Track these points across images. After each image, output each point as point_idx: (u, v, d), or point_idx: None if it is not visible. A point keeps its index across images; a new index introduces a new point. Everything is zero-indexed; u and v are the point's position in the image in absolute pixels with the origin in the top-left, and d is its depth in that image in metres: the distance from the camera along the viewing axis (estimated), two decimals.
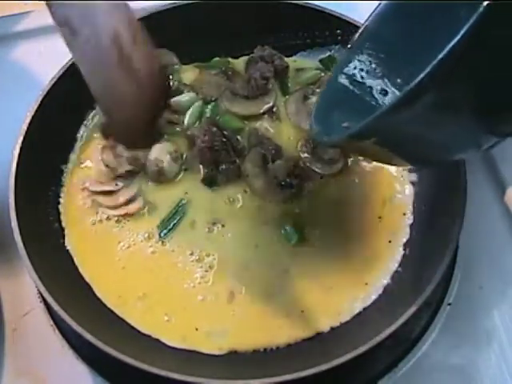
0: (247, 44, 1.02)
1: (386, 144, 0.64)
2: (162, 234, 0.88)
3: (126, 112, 0.89)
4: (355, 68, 0.79)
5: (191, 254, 0.87)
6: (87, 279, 0.86)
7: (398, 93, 0.77)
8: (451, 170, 0.84)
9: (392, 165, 0.86)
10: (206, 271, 0.86)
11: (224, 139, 0.91)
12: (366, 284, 0.85)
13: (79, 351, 0.85)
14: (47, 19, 0.76)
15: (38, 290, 0.80)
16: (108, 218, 0.90)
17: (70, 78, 0.92)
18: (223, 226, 0.89)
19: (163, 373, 0.72)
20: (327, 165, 0.93)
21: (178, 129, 0.97)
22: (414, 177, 0.93)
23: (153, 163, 0.91)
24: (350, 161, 0.95)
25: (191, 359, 0.80)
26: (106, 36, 0.79)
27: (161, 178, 0.92)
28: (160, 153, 0.92)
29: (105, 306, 0.84)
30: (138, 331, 0.82)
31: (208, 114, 0.97)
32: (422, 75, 0.54)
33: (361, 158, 0.94)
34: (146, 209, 0.90)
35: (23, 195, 0.83)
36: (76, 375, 0.84)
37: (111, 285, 0.85)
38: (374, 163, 0.94)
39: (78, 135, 0.96)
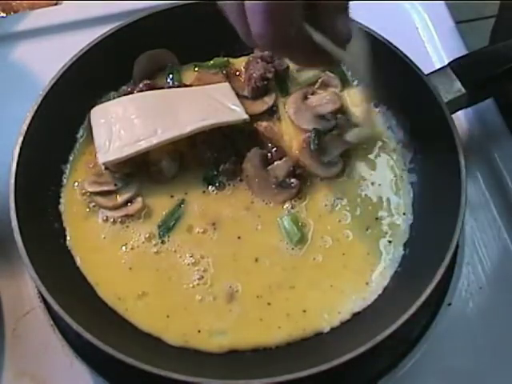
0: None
1: None
2: (162, 234, 0.88)
3: None
4: None
5: (191, 254, 0.87)
6: (88, 279, 0.86)
7: None
8: (451, 170, 0.85)
9: None
10: (205, 271, 0.86)
11: (224, 139, 0.91)
12: (366, 284, 0.86)
13: (79, 351, 0.85)
14: (47, 19, 0.76)
15: (38, 289, 0.80)
16: (108, 219, 0.89)
17: (70, 78, 0.92)
18: (222, 226, 0.89)
19: (163, 373, 0.72)
20: (327, 167, 0.93)
21: None
22: (413, 177, 0.93)
23: (152, 163, 0.91)
24: (349, 163, 0.94)
25: (191, 359, 0.80)
26: None
27: (160, 177, 0.92)
28: (159, 153, 0.92)
29: (105, 305, 0.84)
30: (139, 331, 0.82)
31: None
32: None
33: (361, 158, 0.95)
34: (146, 209, 0.90)
35: (23, 195, 0.83)
36: (76, 375, 0.84)
37: (112, 284, 0.85)
38: (374, 163, 0.94)
39: (78, 135, 0.96)
